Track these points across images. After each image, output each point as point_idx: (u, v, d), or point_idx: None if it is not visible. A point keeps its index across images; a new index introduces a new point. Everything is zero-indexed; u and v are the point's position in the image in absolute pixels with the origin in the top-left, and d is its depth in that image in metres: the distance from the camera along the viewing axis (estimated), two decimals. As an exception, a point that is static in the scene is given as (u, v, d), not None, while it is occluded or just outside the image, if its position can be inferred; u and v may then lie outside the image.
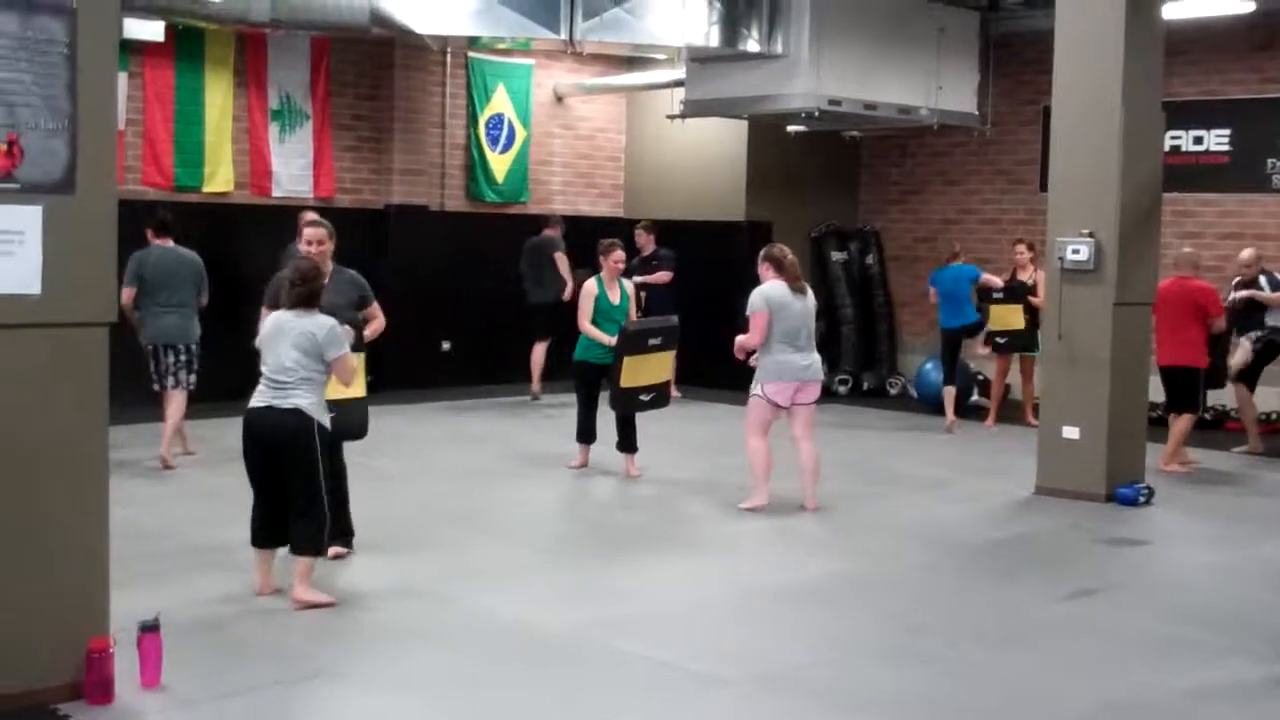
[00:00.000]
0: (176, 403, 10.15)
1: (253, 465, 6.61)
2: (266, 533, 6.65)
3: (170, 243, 10.27)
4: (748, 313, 9.02)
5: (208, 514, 8.52)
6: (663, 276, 14.06)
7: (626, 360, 9.64)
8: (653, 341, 9.85)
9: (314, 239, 7.52)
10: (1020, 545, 8.43)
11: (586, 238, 13.74)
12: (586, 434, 10.35)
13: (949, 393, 12.94)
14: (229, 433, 10.24)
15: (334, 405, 6.93)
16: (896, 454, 11.69)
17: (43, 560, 5.06)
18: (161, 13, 11.71)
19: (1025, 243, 13.22)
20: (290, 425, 6.44)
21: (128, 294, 9.81)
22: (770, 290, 8.99)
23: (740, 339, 9.06)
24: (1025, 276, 13.02)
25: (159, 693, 5.27)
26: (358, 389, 7.29)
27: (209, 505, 8.81)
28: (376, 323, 7.72)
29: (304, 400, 6.46)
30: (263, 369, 6.59)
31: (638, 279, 12.80)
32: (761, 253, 9.30)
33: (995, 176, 15.41)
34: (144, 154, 12.96)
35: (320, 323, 6.54)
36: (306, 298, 6.57)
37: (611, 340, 9.85)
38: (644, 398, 9.86)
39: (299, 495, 6.50)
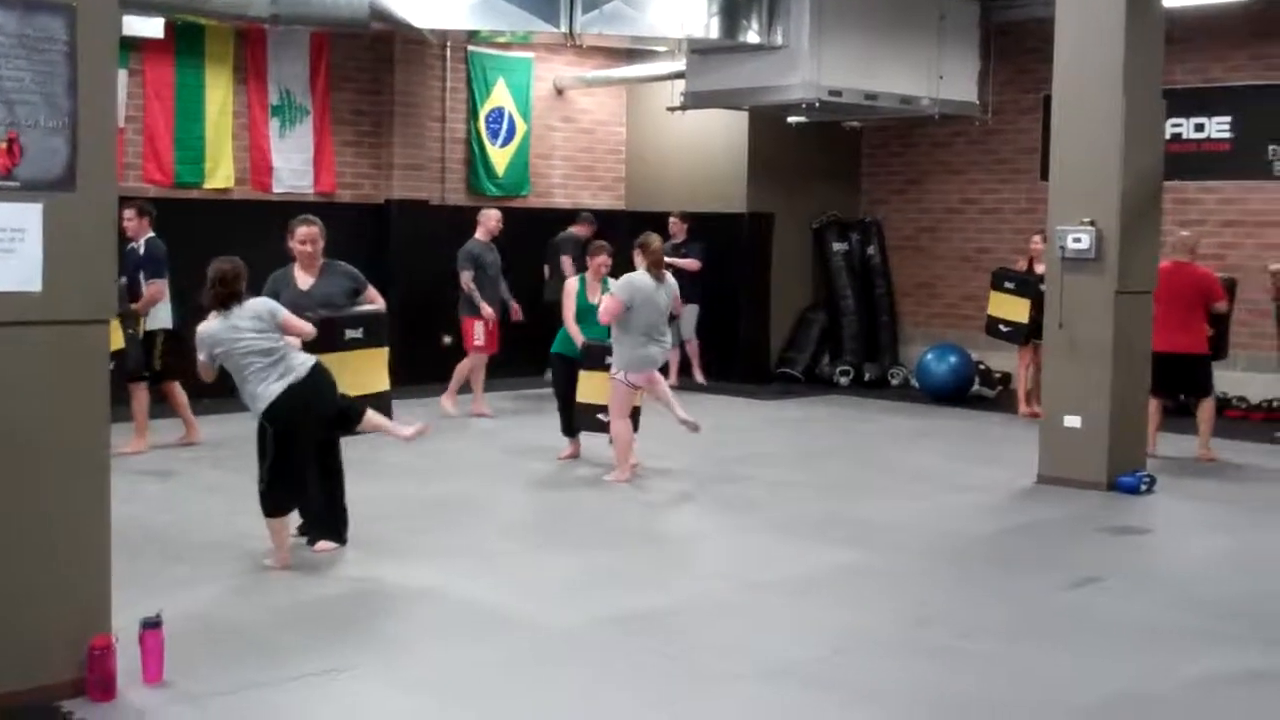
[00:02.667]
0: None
1: (292, 437, 6.98)
2: (292, 495, 7.17)
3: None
4: (610, 292, 9.55)
5: (210, 510, 8.53)
6: (691, 264, 14.20)
7: (583, 375, 9.86)
8: (609, 360, 9.81)
9: (307, 238, 7.63)
10: (1024, 535, 8.42)
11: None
12: (570, 426, 10.45)
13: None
14: (228, 428, 10.33)
15: (364, 399, 7.07)
16: (898, 444, 11.69)
17: (44, 557, 5.06)
18: (161, 9, 11.70)
19: (1042, 233, 13.18)
20: (321, 380, 6.98)
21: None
22: (638, 280, 9.41)
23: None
24: (1041, 268, 12.98)
25: (161, 689, 5.27)
26: (382, 382, 7.42)
27: (211, 501, 8.81)
28: (379, 302, 8.00)
29: (299, 362, 6.94)
30: (246, 368, 6.83)
31: (670, 260, 12.84)
32: (636, 240, 9.68)
33: (996, 166, 15.38)
34: (144, 151, 12.94)
35: (258, 303, 6.97)
36: (225, 299, 6.86)
37: (583, 340, 10.08)
38: (602, 417, 9.85)
39: (330, 454, 7.32)
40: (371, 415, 7.21)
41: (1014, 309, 12.95)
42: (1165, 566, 7.82)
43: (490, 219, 13.02)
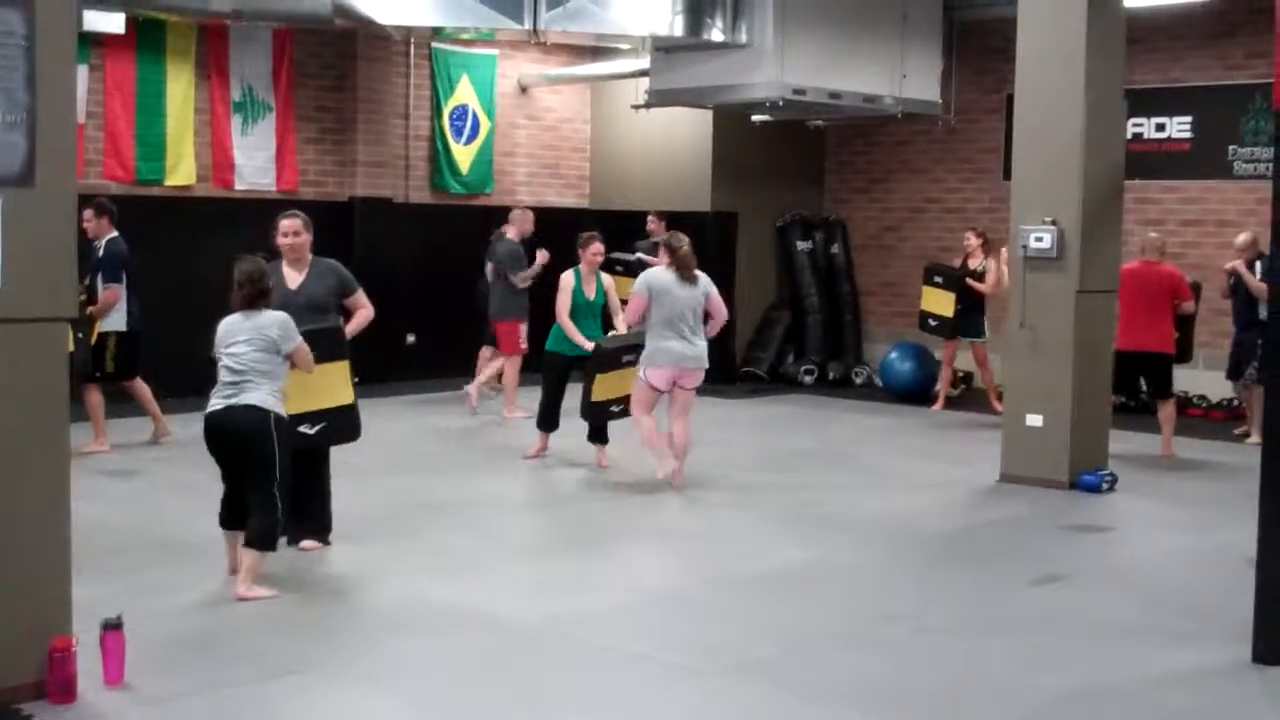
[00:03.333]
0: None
1: (218, 460, 6.71)
2: (233, 516, 6.74)
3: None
4: (632, 291, 9.39)
5: (174, 510, 8.48)
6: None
7: (598, 378, 9.69)
8: (627, 359, 9.83)
9: (289, 230, 7.47)
10: (985, 532, 8.47)
11: (553, 229, 13.75)
12: (548, 422, 10.33)
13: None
14: (194, 427, 10.25)
15: (326, 413, 6.97)
16: (862, 443, 11.73)
17: (3, 558, 5.01)
18: (122, 4, 11.62)
19: (974, 230, 13.39)
20: (248, 422, 6.47)
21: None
22: (655, 275, 9.25)
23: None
24: (975, 264, 13.14)
25: (123, 691, 5.23)
26: (345, 395, 7.28)
27: (175, 501, 8.76)
28: (362, 314, 7.61)
29: (259, 395, 6.50)
30: (219, 371, 6.59)
31: (643, 257, 12.84)
32: (663, 239, 9.50)
33: (959, 165, 15.46)
34: (105, 147, 12.83)
35: (272, 318, 6.60)
36: (253, 298, 6.61)
37: (583, 341, 9.93)
38: (614, 409, 9.93)
39: (256, 490, 6.54)
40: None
41: (941, 303, 13.10)
42: (1126, 563, 7.87)
43: (526, 220, 12.80)
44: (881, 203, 16.14)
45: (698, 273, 9.28)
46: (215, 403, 6.59)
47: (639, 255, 13.08)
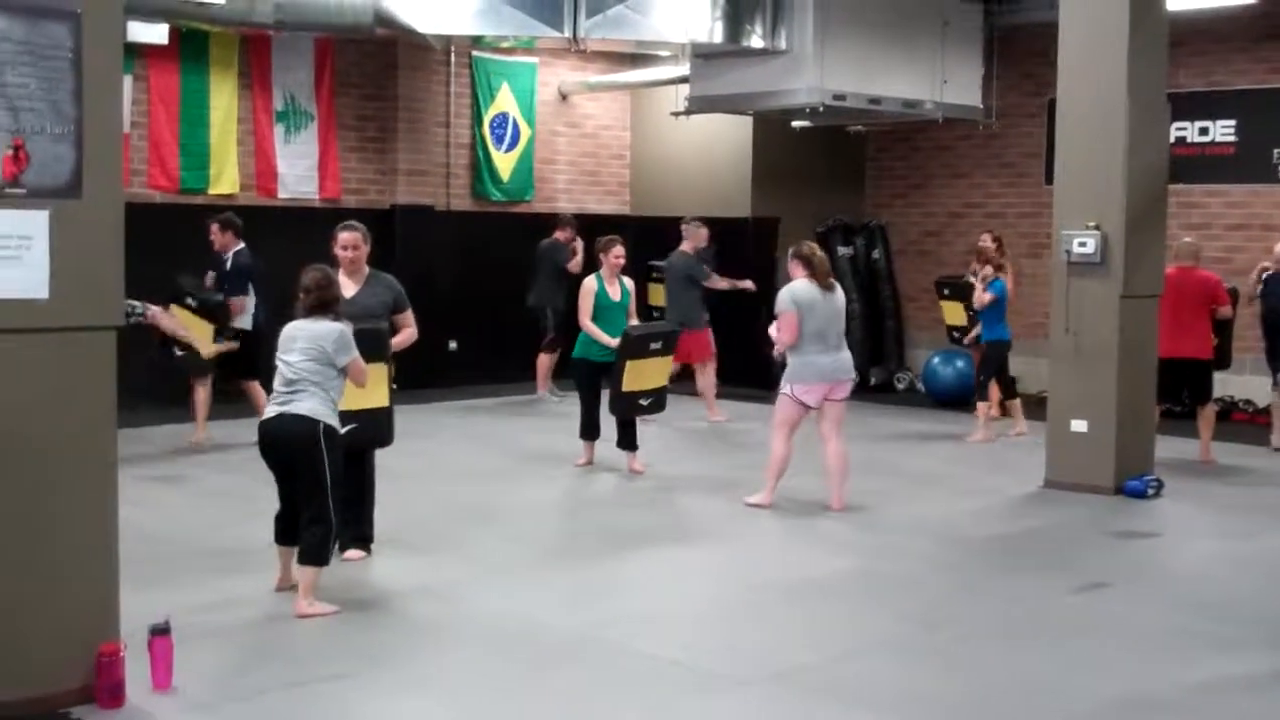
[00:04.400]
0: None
1: (272, 470, 6.69)
2: (286, 532, 6.70)
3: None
4: (776, 311, 8.96)
5: (218, 516, 8.54)
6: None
7: (628, 364, 9.67)
8: (654, 346, 9.85)
9: (349, 243, 7.54)
10: (1031, 540, 8.42)
11: (593, 235, 13.74)
12: (590, 430, 10.35)
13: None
14: (239, 433, 10.34)
15: (359, 414, 6.96)
16: (905, 449, 11.68)
17: (53, 564, 5.06)
18: (165, 15, 11.71)
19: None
20: (297, 431, 6.46)
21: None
22: (797, 289, 8.89)
23: (774, 336, 8.98)
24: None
25: (170, 696, 5.28)
26: (381, 397, 7.27)
27: (219, 506, 8.82)
28: (407, 332, 7.67)
29: (310, 405, 6.48)
30: (275, 378, 6.62)
31: (728, 283, 13.19)
32: (790, 250, 9.18)
33: (1001, 170, 15.38)
34: (149, 157, 12.95)
35: (329, 329, 6.57)
36: (316, 306, 6.62)
37: (610, 340, 9.89)
38: (643, 402, 9.91)
39: (308, 503, 6.52)
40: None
41: (956, 314, 12.99)
42: (1171, 570, 7.81)
43: (700, 236, 13.12)
44: (922, 207, 16.08)
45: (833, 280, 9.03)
46: (269, 410, 6.61)
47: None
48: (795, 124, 14.92)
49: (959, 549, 8.09)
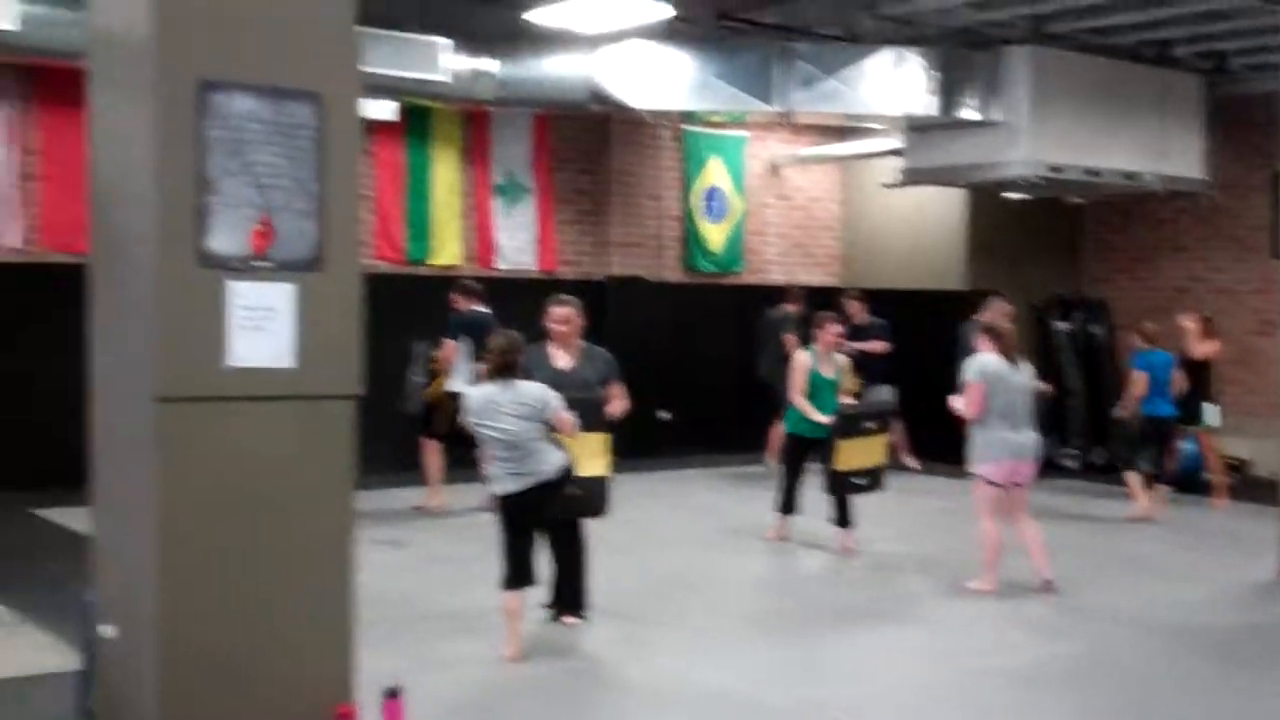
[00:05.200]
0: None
1: (515, 528, 7.04)
2: (523, 578, 7.03)
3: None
4: (962, 382, 8.83)
5: (445, 580, 8.74)
6: (878, 346, 13.83)
7: (842, 444, 9.61)
8: (867, 425, 9.76)
9: (562, 319, 7.74)
10: (1259, 634, 8.04)
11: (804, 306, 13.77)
12: (788, 505, 10.32)
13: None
14: (459, 498, 10.60)
15: (576, 481, 7.09)
16: (1129, 532, 11.29)
17: (292, 625, 5.20)
18: (393, 93, 12.17)
19: (1196, 313, 12.74)
20: (555, 482, 6.93)
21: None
22: (986, 362, 8.75)
23: (958, 409, 8.84)
24: (1202, 350, 12.42)
25: (398, 756, 5.39)
26: (598, 466, 7.40)
27: (445, 571, 9.02)
28: (619, 403, 7.80)
29: (548, 458, 6.87)
30: (489, 448, 6.81)
31: (853, 345, 12.71)
32: (980, 323, 9.04)
33: (1226, 243, 14.88)
34: (376, 229, 13.44)
35: (528, 389, 6.90)
36: (504, 368, 6.92)
37: (820, 417, 9.85)
38: (858, 481, 9.81)
39: (567, 547, 7.44)
40: None
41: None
42: None
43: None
44: (1144, 282, 15.62)
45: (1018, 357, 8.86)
46: (509, 484, 6.87)
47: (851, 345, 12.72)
48: (1010, 195, 14.69)
49: (1182, 639, 7.76)
